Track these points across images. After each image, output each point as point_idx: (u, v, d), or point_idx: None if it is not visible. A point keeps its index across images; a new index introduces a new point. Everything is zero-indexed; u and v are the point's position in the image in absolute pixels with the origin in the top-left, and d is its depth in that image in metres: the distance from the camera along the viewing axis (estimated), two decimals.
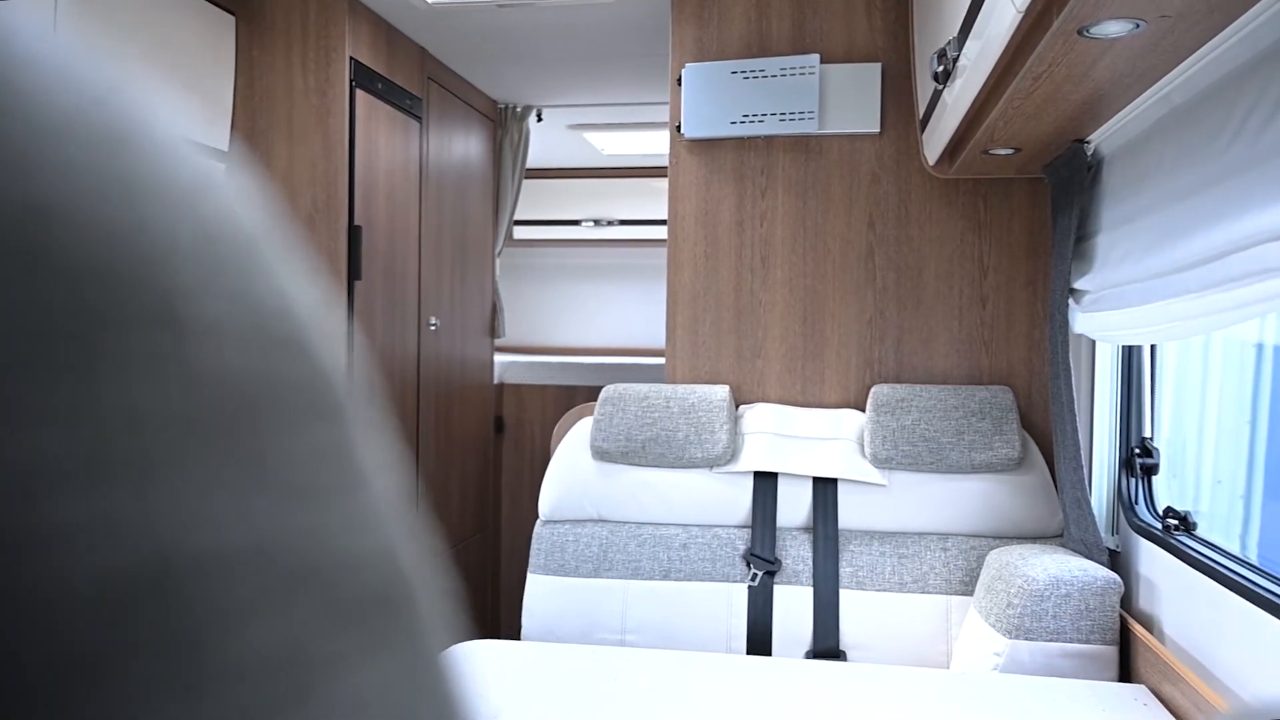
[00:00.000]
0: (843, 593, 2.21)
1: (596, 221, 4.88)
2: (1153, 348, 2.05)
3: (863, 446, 2.31)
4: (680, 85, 2.56)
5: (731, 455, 2.34)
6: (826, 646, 2.18)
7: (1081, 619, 1.83)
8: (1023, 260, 2.45)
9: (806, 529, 2.30)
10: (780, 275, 2.56)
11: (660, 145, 2.75)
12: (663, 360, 2.66)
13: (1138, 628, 1.85)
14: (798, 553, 2.26)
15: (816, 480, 2.30)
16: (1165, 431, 2.05)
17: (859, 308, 2.52)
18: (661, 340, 2.66)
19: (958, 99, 1.76)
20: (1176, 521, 1.85)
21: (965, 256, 2.48)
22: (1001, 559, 1.99)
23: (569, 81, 3.60)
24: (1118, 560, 2.04)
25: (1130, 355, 2.09)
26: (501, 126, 3.92)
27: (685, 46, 2.60)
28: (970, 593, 2.16)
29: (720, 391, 2.41)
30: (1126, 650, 1.87)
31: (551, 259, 5.10)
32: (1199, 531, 1.82)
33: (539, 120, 3.98)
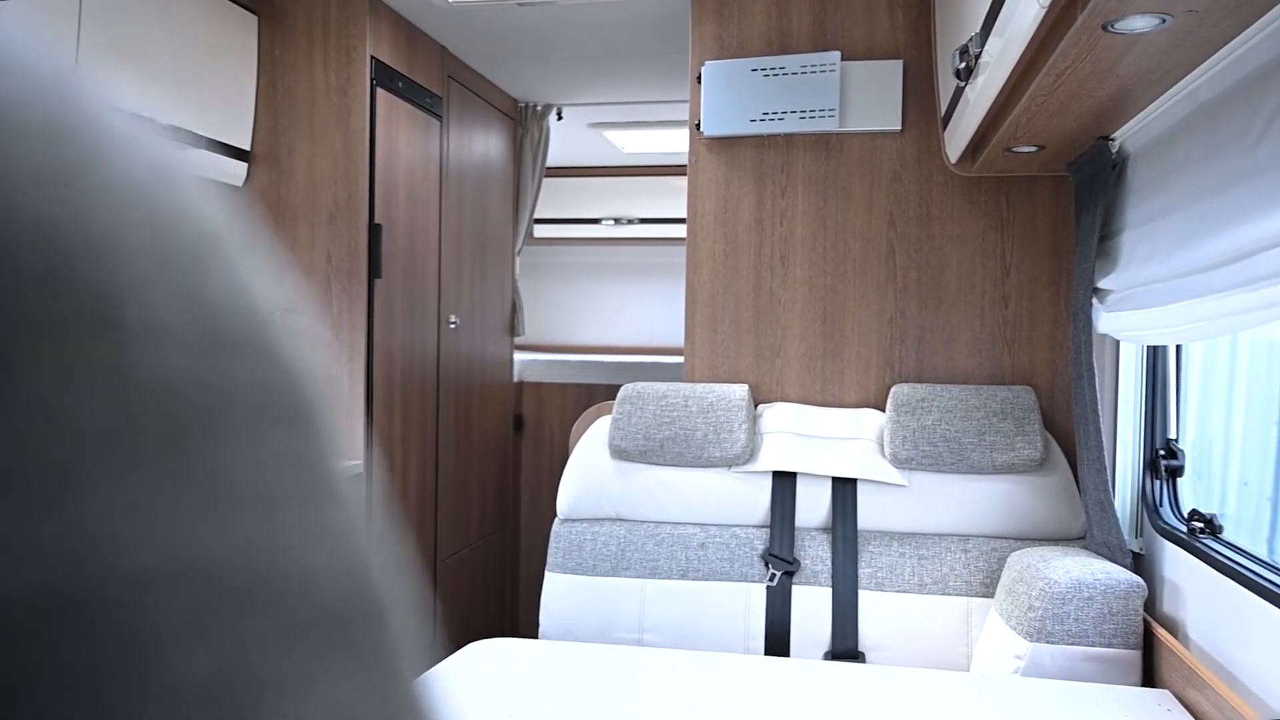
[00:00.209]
0: (862, 594, 2.19)
1: (616, 220, 4.87)
2: (1178, 348, 2.02)
3: (883, 446, 2.29)
4: (700, 83, 2.55)
5: (750, 455, 2.33)
6: (845, 648, 2.17)
7: (1104, 622, 1.80)
8: (1046, 259, 2.43)
9: (825, 529, 2.28)
10: (800, 274, 2.55)
11: (681, 143, 2.74)
12: (682, 359, 2.65)
13: (1162, 632, 1.82)
14: (816, 553, 2.25)
15: (836, 480, 2.28)
16: (1190, 433, 2.02)
17: (879, 307, 2.50)
18: (681, 339, 2.65)
19: (980, 96, 1.74)
20: (1202, 524, 1.82)
21: (987, 255, 2.45)
22: (1023, 561, 1.97)
23: (589, 80, 3.60)
24: (1141, 563, 2.02)
25: (1155, 355, 2.07)
26: (522, 125, 3.92)
27: (705, 44, 2.59)
28: (991, 595, 2.14)
29: (739, 390, 2.40)
30: (1150, 655, 1.85)
31: (571, 257, 5.10)
32: (1225, 535, 1.79)
33: (559, 119, 3.98)
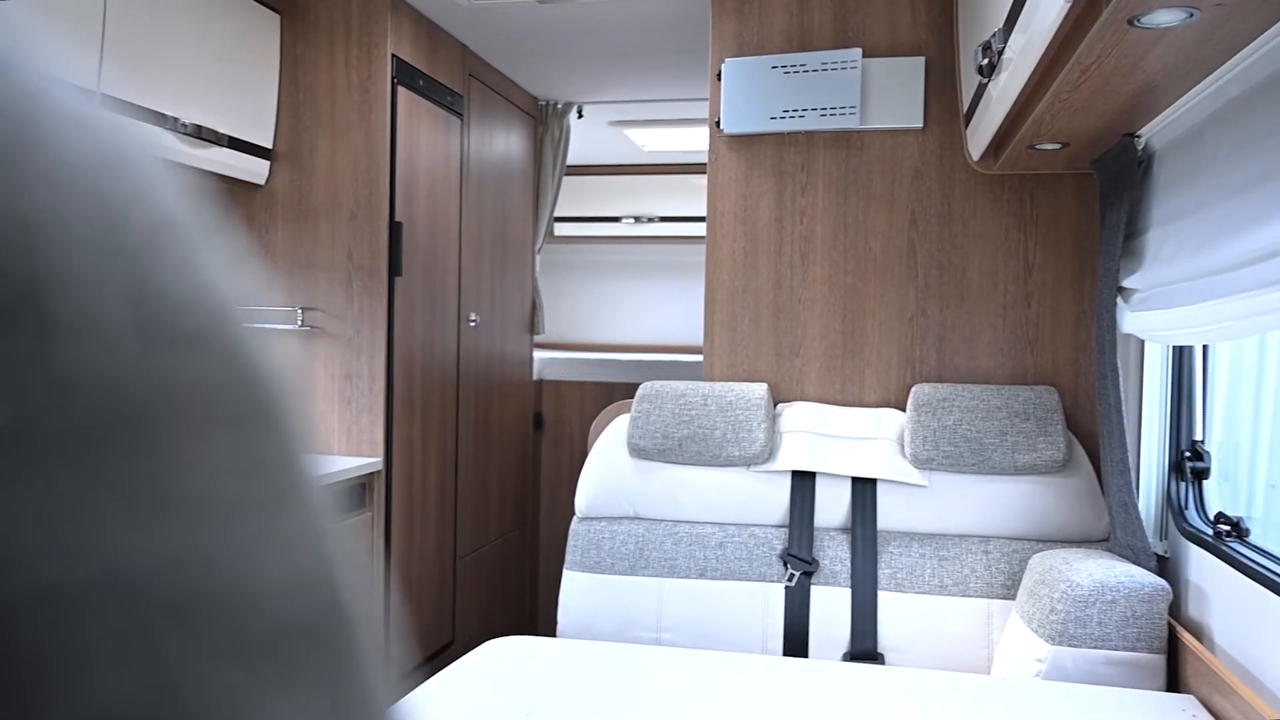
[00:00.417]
0: (881, 594, 2.18)
1: (637, 218, 4.87)
2: (1204, 348, 1.99)
3: (903, 446, 2.28)
4: (720, 80, 2.54)
5: (769, 454, 2.31)
6: (864, 649, 2.15)
7: (1128, 626, 1.78)
8: (1069, 258, 2.40)
9: (845, 529, 2.27)
10: (820, 272, 2.53)
11: (701, 141, 2.74)
12: (701, 358, 2.64)
13: (1187, 636, 1.80)
14: (835, 553, 2.23)
15: (855, 480, 2.27)
16: (1217, 434, 2.00)
17: (900, 305, 2.48)
18: (701, 338, 2.64)
19: (1003, 92, 1.72)
20: (1228, 527, 1.79)
21: (1010, 254, 2.43)
22: (1045, 563, 1.94)
23: (610, 78, 3.60)
24: (1166, 566, 1.99)
25: (1181, 356, 2.04)
26: (542, 123, 3.92)
27: (725, 41, 2.58)
28: (1012, 597, 2.12)
29: (758, 389, 2.39)
30: (1174, 659, 1.82)
31: (591, 256, 5.10)
32: (1252, 538, 1.76)
33: (580, 117, 3.98)
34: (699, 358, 2.69)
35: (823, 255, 2.53)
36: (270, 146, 2.78)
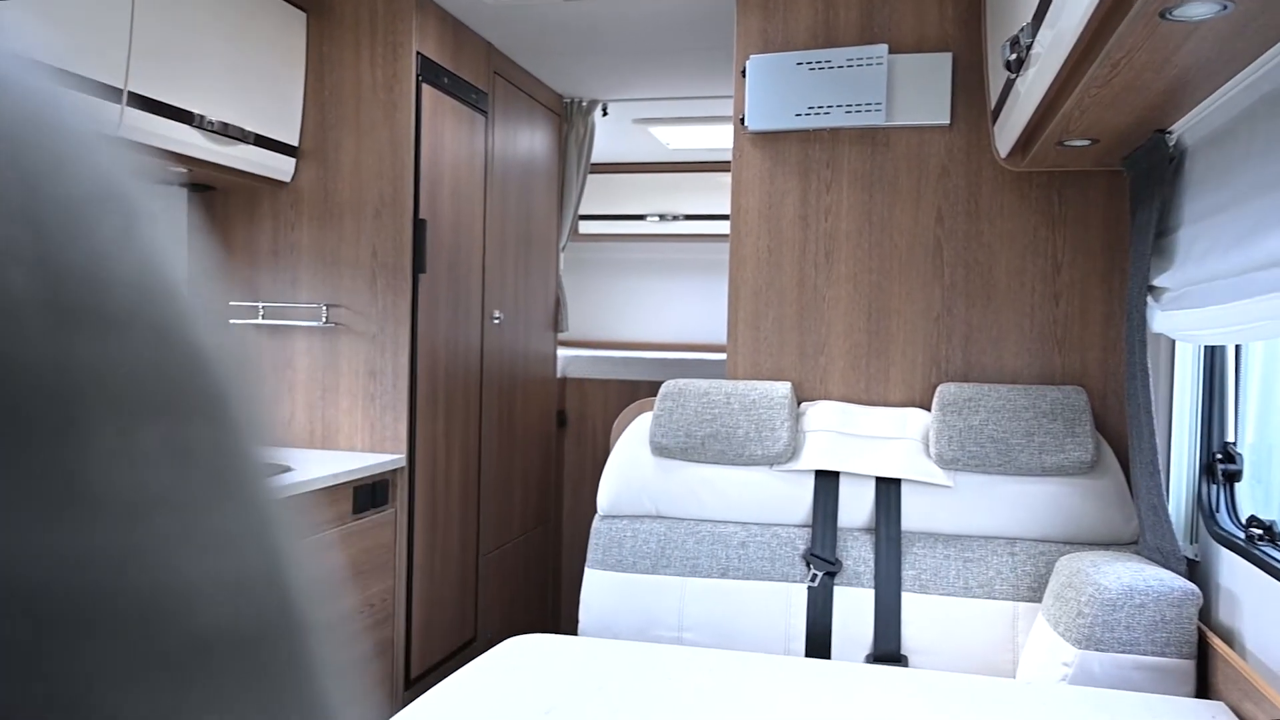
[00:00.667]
0: (905, 596, 2.16)
1: (661, 216, 4.86)
2: (1237, 348, 1.95)
3: (928, 446, 2.25)
4: (744, 77, 2.53)
5: (792, 453, 2.30)
6: (887, 651, 2.13)
7: (1157, 630, 1.75)
8: (1099, 256, 2.37)
9: (868, 530, 2.25)
10: (844, 270, 2.51)
11: (726, 139, 2.72)
12: (725, 356, 2.63)
13: (1217, 641, 1.77)
14: (859, 554, 2.22)
15: (879, 480, 2.25)
16: (1250, 436, 1.96)
17: (926, 304, 2.46)
18: (725, 336, 2.63)
19: (1031, 88, 1.69)
20: (1261, 531, 1.76)
21: (1038, 252, 2.40)
22: (1072, 565, 1.92)
23: (634, 75, 3.59)
24: (1196, 570, 1.96)
25: (1213, 356, 2.00)
26: (567, 121, 3.92)
27: (750, 38, 2.57)
28: (1038, 599, 2.09)
29: (782, 388, 2.37)
30: (1204, 665, 1.79)
31: (615, 254, 5.10)
32: None
33: (604, 114, 3.98)
34: (723, 356, 2.68)
35: (847, 253, 2.51)
36: (296, 144, 2.79)
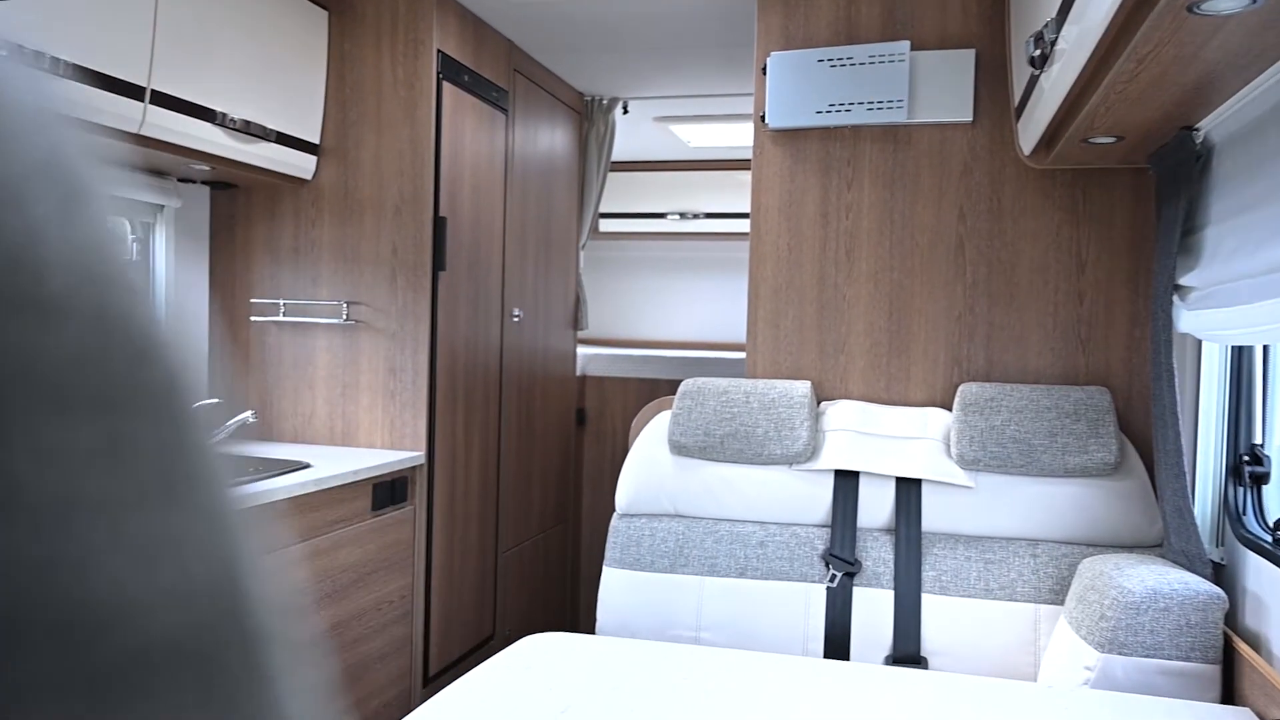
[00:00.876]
0: (925, 597, 2.14)
1: (682, 214, 4.84)
2: (1265, 348, 1.92)
3: (949, 447, 2.23)
4: (765, 74, 2.51)
5: (812, 453, 2.28)
6: (907, 652, 2.11)
7: (1181, 635, 1.73)
8: (1124, 255, 2.34)
9: (888, 530, 2.23)
10: (865, 269, 2.49)
11: (747, 137, 2.71)
12: (745, 355, 2.62)
13: (1243, 646, 1.74)
14: (879, 554, 2.20)
15: (900, 480, 2.23)
16: (1278, 438, 1.93)
17: (947, 303, 2.44)
18: (745, 335, 2.61)
19: (1055, 84, 1.67)
20: None
21: (1061, 250, 2.37)
22: (1095, 568, 1.89)
23: (655, 73, 3.58)
24: (1222, 574, 1.93)
25: (1240, 356, 1.97)
26: (587, 119, 3.92)
27: (771, 35, 2.55)
28: (1060, 602, 2.07)
29: (801, 387, 2.36)
30: (1230, 670, 1.76)
31: (636, 252, 5.09)
32: None
33: (625, 113, 3.97)
34: (742, 355, 2.67)
35: (868, 251, 2.49)
36: (317, 141, 2.81)
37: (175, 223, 2.77)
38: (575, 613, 3.98)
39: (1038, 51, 1.65)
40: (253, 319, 2.88)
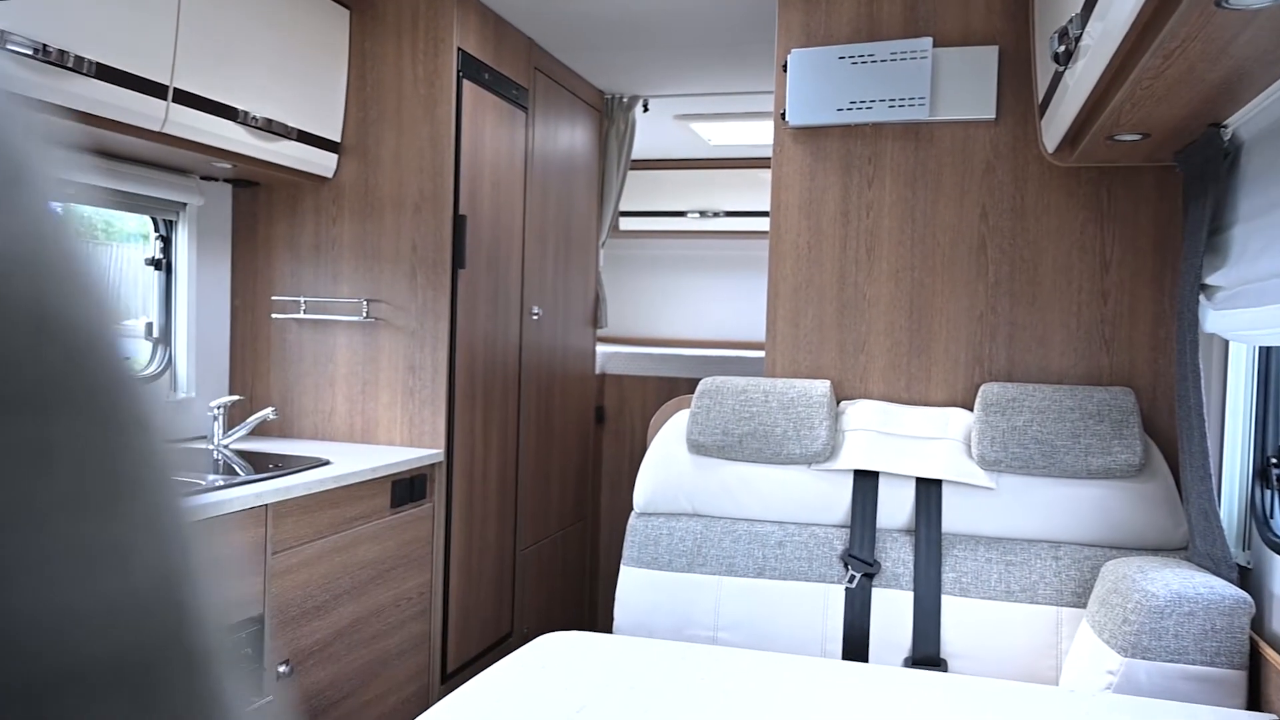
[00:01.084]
0: (945, 599, 2.12)
1: (702, 213, 4.83)
2: None
3: (970, 447, 2.21)
4: (785, 71, 2.50)
5: (831, 452, 2.27)
6: (926, 654, 2.10)
7: (1206, 640, 1.70)
8: (1149, 254, 2.31)
9: (908, 531, 2.21)
10: (886, 267, 2.47)
11: (768, 135, 2.70)
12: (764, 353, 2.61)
13: (1269, 652, 1.71)
14: (898, 555, 2.18)
15: (920, 481, 2.21)
16: None
17: (969, 302, 2.41)
18: (764, 333, 2.60)
19: (1080, 81, 1.65)
20: None
21: (1086, 249, 2.34)
22: (1118, 571, 1.87)
23: (676, 71, 3.57)
24: (1248, 578, 1.90)
25: (1268, 356, 1.94)
26: (608, 117, 3.91)
27: (792, 32, 2.54)
28: (1083, 605, 2.04)
29: (821, 386, 2.34)
30: (1256, 676, 1.73)
31: (656, 250, 5.09)
32: None
33: (645, 110, 3.97)
34: (762, 354, 2.66)
35: (889, 250, 2.47)
36: (338, 140, 2.82)
37: (198, 220, 2.79)
38: (593, 611, 3.98)
39: (1062, 47, 1.63)
40: (274, 316, 2.90)
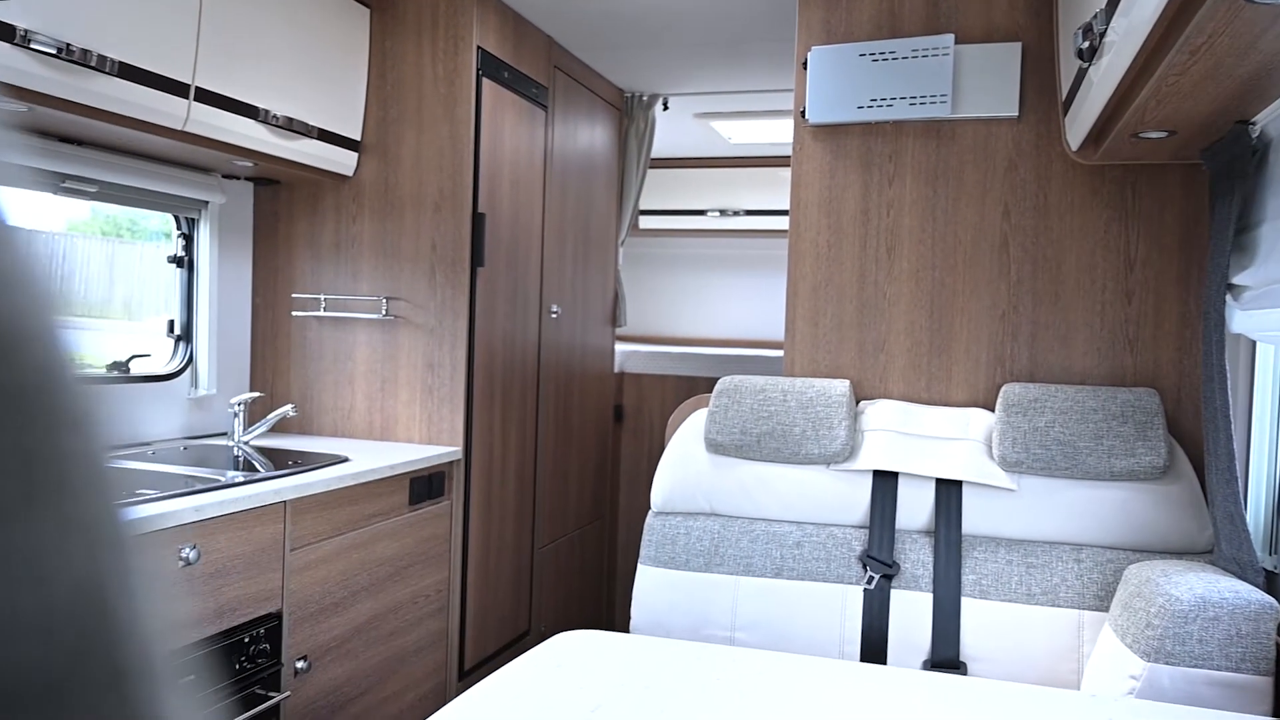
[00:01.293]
0: (965, 601, 2.10)
1: (722, 211, 4.82)
2: None
3: (991, 448, 2.19)
4: (805, 69, 2.48)
5: (850, 452, 2.25)
6: (945, 657, 2.08)
7: (1231, 645, 1.67)
8: (1174, 253, 2.27)
9: (927, 532, 2.19)
10: (907, 266, 2.45)
11: (788, 134, 2.68)
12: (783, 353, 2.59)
13: None
14: (917, 556, 2.16)
15: (940, 482, 2.19)
16: None
17: (991, 301, 2.39)
18: (783, 332, 2.59)
19: (1105, 77, 1.63)
20: None
21: (1109, 248, 2.31)
22: (1142, 574, 1.84)
23: (696, 69, 3.56)
24: (1275, 583, 1.87)
25: None
26: (627, 115, 3.91)
27: (812, 29, 2.52)
28: (1105, 608, 2.02)
29: (840, 386, 2.32)
30: None
31: (675, 249, 5.08)
32: None
33: (665, 109, 3.96)
34: (781, 353, 2.64)
35: (910, 249, 2.45)
36: (358, 138, 2.83)
37: (219, 218, 2.81)
38: (610, 610, 3.98)
39: (1086, 44, 1.61)
40: (294, 314, 2.91)
